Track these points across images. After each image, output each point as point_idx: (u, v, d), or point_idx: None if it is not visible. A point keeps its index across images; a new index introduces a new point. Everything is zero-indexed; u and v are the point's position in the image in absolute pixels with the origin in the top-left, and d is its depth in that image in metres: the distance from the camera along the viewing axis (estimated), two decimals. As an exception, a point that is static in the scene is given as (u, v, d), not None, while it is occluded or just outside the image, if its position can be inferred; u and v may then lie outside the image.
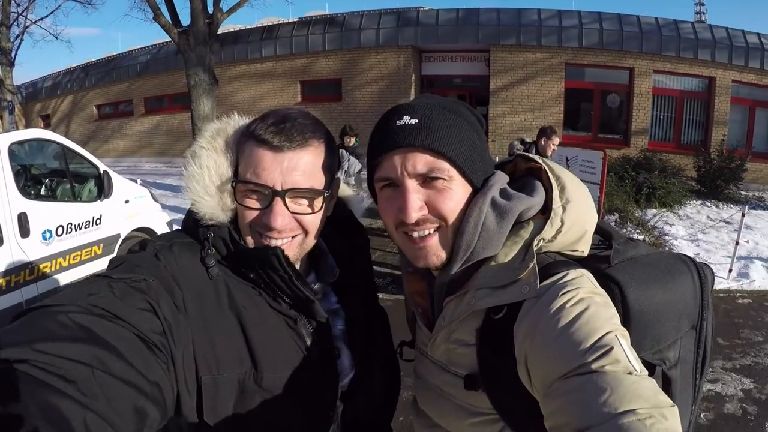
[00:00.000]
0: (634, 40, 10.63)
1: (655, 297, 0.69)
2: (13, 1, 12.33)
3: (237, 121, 0.79)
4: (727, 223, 7.77)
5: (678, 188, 8.67)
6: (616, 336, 0.57)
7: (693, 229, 7.55)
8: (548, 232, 0.68)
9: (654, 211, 8.19)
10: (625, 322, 0.65)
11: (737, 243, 5.73)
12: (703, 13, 11.67)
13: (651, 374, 0.59)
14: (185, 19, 9.08)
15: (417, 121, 0.68)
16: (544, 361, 0.60)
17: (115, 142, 14.79)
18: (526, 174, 0.78)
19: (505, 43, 10.79)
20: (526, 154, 0.79)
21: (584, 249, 0.73)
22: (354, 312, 0.87)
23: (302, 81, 11.94)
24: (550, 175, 0.72)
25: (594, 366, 0.54)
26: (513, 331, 0.65)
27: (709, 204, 9.17)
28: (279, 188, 0.70)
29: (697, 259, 0.77)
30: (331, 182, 0.79)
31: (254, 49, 12.19)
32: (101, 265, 4.21)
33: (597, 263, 0.72)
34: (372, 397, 0.90)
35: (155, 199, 5.19)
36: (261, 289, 0.74)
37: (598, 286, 0.67)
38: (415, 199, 0.69)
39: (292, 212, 0.72)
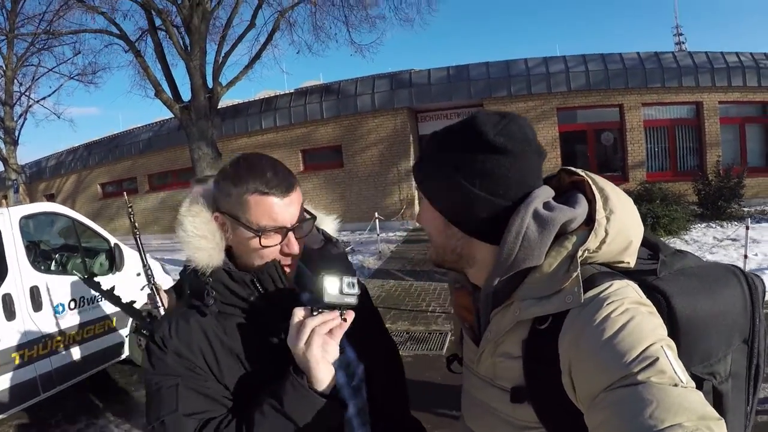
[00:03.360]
0: (619, 77, 10.96)
1: (703, 308, 0.68)
2: (15, 81, 12.58)
3: (198, 188, 0.94)
4: (734, 240, 7.92)
5: (681, 214, 8.80)
6: (661, 347, 0.57)
7: (701, 251, 7.63)
8: (593, 242, 0.68)
9: (660, 239, 8.38)
10: (673, 333, 0.64)
11: (746, 257, 5.87)
12: (683, 42, 12.05)
13: (700, 388, 0.59)
14: (186, 95, 9.35)
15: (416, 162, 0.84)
16: (589, 372, 0.60)
17: (120, 220, 14.92)
18: (570, 187, 0.78)
19: (497, 95, 11.10)
20: (569, 168, 0.80)
21: (630, 260, 0.72)
22: None
23: (303, 150, 12.19)
24: (594, 186, 0.73)
25: (640, 377, 0.54)
26: (558, 341, 0.65)
27: (713, 225, 9.34)
28: (289, 224, 0.88)
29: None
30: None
31: (254, 121, 12.49)
32: (115, 339, 4.22)
33: (644, 275, 0.71)
34: (386, 385, 1.00)
35: (166, 272, 5.20)
36: (257, 315, 0.89)
37: (644, 296, 0.66)
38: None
39: (298, 238, 0.91)
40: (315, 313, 0.79)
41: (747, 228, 5.91)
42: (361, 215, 11.35)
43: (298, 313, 0.79)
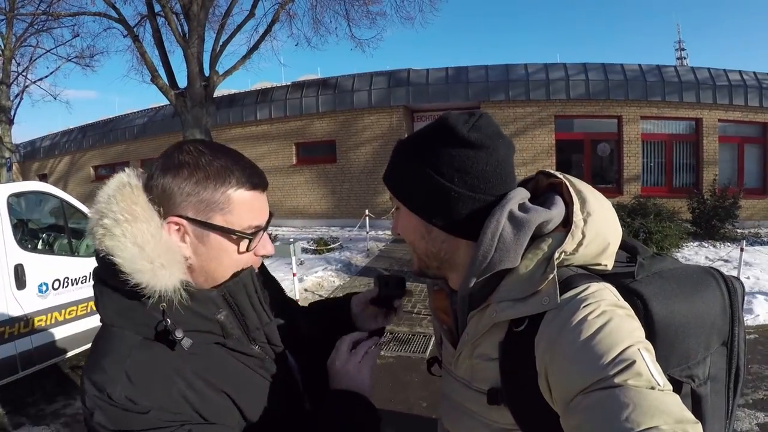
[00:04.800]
0: (620, 89, 10.88)
1: (680, 310, 0.67)
2: (13, 61, 12.53)
3: (131, 182, 0.71)
4: (726, 261, 7.86)
5: (674, 231, 8.67)
6: (639, 349, 0.56)
7: None
8: (569, 244, 0.68)
9: (639, 242, 8.34)
10: (650, 336, 0.63)
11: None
12: (684, 58, 11.95)
13: (678, 391, 0.58)
14: (182, 82, 9.32)
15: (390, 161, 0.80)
16: (565, 375, 0.59)
17: (112, 204, 14.85)
18: (547, 190, 0.78)
19: (495, 99, 11.00)
20: (547, 170, 0.80)
21: (608, 263, 0.72)
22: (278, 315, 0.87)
23: (297, 143, 12.09)
24: (571, 189, 0.73)
25: (616, 380, 0.54)
26: (534, 343, 0.65)
27: (706, 244, 9.26)
28: (265, 222, 0.76)
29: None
30: None
31: (249, 111, 12.38)
32: (97, 321, 4.15)
33: (621, 278, 0.71)
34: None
35: None
36: (224, 337, 0.74)
37: (621, 299, 0.66)
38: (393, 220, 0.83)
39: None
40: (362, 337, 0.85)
41: (742, 250, 5.86)
42: (352, 212, 11.25)
43: (351, 336, 0.85)
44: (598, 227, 0.70)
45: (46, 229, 4.36)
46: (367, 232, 9.40)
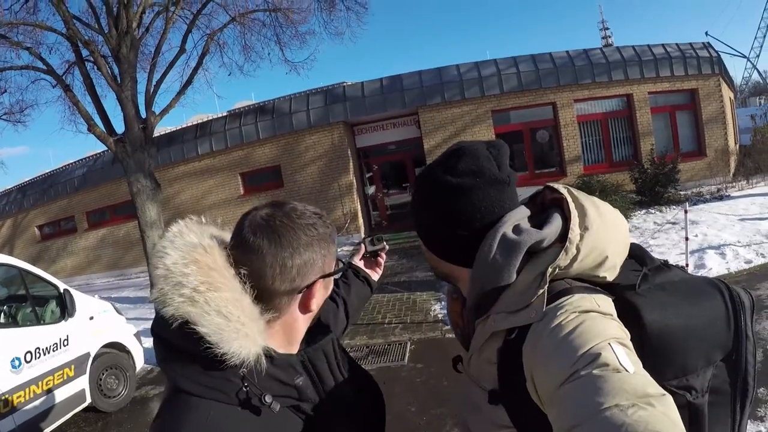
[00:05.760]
0: (550, 76, 11.19)
1: (678, 323, 0.68)
2: None
3: (203, 243, 0.71)
4: (674, 223, 8.21)
5: (620, 203, 8.93)
6: (608, 343, 0.59)
7: (643, 237, 7.87)
8: (563, 260, 0.71)
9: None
10: (642, 347, 0.65)
11: (687, 239, 6.02)
12: (609, 37, 12.45)
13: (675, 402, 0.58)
14: (119, 126, 9.08)
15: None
16: (544, 375, 0.62)
17: (62, 262, 14.22)
18: (552, 204, 0.81)
19: (431, 102, 11.13)
20: (552, 185, 0.83)
21: (607, 275, 0.74)
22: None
23: (242, 173, 11.89)
24: (572, 204, 0.75)
25: (583, 372, 0.56)
26: (522, 350, 0.69)
27: (653, 211, 9.63)
28: None
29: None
30: None
31: (190, 147, 12.11)
32: (76, 387, 4.11)
33: (623, 289, 0.73)
34: (372, 412, 0.93)
35: (119, 312, 5.05)
36: (299, 401, 0.74)
37: (603, 305, 0.68)
38: None
39: None
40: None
41: (686, 212, 6.08)
42: (307, 234, 11.06)
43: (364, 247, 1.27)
44: (595, 242, 0.72)
45: (5, 301, 4.21)
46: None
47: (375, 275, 1.33)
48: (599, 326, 0.63)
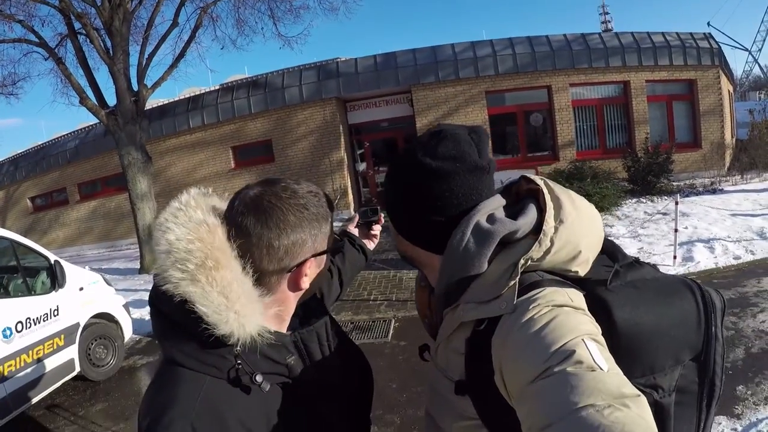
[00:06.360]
0: (547, 59, 11.10)
1: (647, 321, 0.68)
2: None
3: (207, 221, 0.70)
4: (664, 214, 8.11)
5: (612, 191, 8.91)
6: (582, 339, 0.58)
7: (633, 226, 7.84)
8: (536, 252, 0.70)
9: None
10: (612, 344, 0.64)
11: (676, 230, 5.99)
12: (609, 22, 12.30)
13: None
14: (111, 99, 9.09)
15: None
16: (515, 370, 0.61)
17: (54, 233, 14.23)
18: (528, 194, 0.80)
19: (425, 81, 11.06)
20: (528, 175, 0.81)
21: (579, 269, 0.73)
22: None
23: (233, 147, 11.84)
24: (548, 196, 0.74)
25: (556, 369, 0.55)
26: (491, 342, 0.67)
27: (644, 200, 9.55)
28: None
29: (642, 255, 0.74)
30: None
31: (182, 121, 12.06)
32: (65, 356, 4.20)
33: (594, 285, 0.72)
34: (358, 390, 0.94)
35: (108, 283, 5.12)
36: (302, 384, 0.77)
37: (576, 300, 0.67)
38: None
39: None
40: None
41: (677, 203, 6.02)
42: (297, 210, 11.04)
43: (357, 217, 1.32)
44: (569, 235, 0.71)
45: None
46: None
47: (371, 244, 1.33)
48: (572, 321, 0.62)
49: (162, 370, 0.71)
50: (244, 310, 0.67)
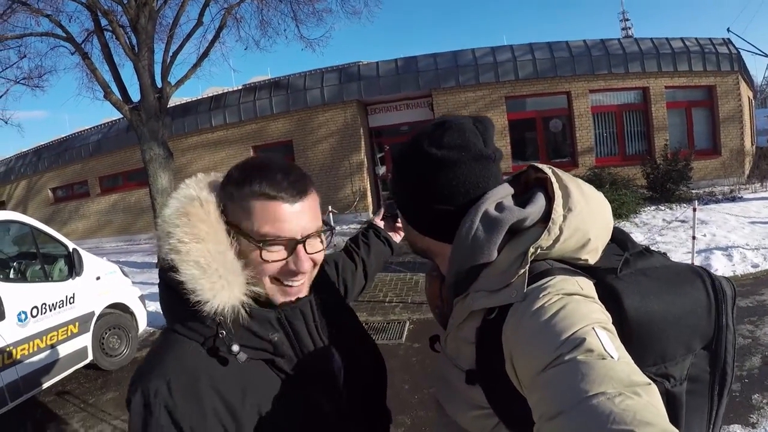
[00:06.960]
0: (566, 65, 11.09)
1: (658, 310, 0.67)
2: None
3: (201, 197, 0.75)
4: (683, 221, 8.07)
5: (630, 198, 8.90)
6: (592, 328, 0.58)
7: (651, 234, 7.78)
8: (545, 240, 0.70)
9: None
10: (623, 333, 0.64)
11: (694, 238, 5.94)
12: (629, 28, 12.23)
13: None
14: (135, 95, 9.21)
15: None
16: (526, 358, 0.62)
17: (73, 224, 14.52)
18: (536, 184, 0.80)
19: (446, 85, 11.11)
20: (536, 165, 0.82)
21: (589, 257, 0.73)
22: (328, 313, 0.91)
23: (254, 146, 11.98)
24: (556, 184, 0.74)
25: (567, 357, 0.56)
26: (502, 331, 0.68)
27: (663, 207, 9.50)
28: (299, 237, 0.76)
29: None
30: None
31: (204, 119, 12.22)
32: (78, 344, 4.25)
33: (604, 273, 0.72)
34: (365, 380, 0.94)
35: (125, 274, 5.17)
36: (285, 362, 0.78)
37: (586, 288, 0.67)
38: None
39: (309, 253, 0.79)
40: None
41: (694, 210, 5.96)
42: (315, 210, 11.20)
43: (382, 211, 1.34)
44: (578, 223, 0.71)
45: (16, 258, 4.33)
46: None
47: (397, 237, 1.34)
48: (583, 309, 0.62)
49: (161, 335, 0.78)
50: (221, 281, 0.70)
